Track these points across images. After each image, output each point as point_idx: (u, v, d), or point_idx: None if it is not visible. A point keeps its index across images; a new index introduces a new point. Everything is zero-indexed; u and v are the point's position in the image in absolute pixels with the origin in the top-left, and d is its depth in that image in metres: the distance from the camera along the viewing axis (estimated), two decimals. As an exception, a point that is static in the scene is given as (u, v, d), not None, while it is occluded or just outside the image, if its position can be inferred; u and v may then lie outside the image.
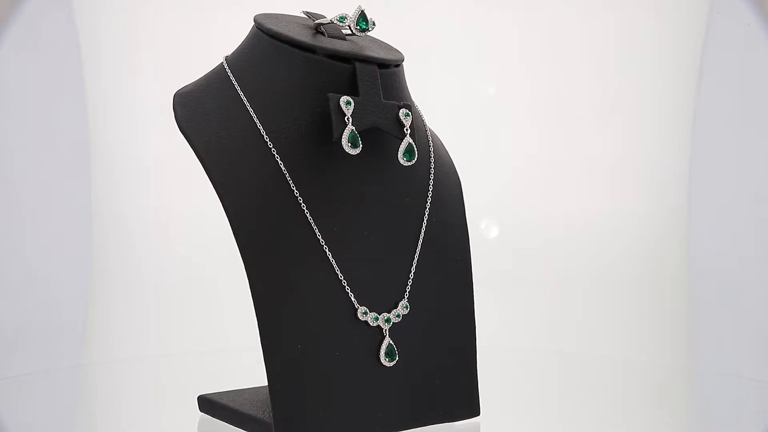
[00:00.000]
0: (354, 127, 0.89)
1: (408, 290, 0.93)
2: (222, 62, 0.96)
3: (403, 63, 0.97)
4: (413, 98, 1.02)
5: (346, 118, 0.89)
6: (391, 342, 0.91)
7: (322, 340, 0.90)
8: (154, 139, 1.62)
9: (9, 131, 1.55)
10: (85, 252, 1.60)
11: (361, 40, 0.96)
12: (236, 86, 0.94)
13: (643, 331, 1.62)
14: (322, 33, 0.94)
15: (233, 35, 1.65)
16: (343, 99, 0.89)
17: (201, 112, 0.93)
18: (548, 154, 1.65)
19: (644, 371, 1.46)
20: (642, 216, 1.64)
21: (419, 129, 0.96)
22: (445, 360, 0.94)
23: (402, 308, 0.92)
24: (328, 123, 0.89)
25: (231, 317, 1.48)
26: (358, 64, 0.91)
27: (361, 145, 0.89)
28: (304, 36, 0.93)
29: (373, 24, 0.95)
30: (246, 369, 0.89)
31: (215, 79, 0.94)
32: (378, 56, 0.93)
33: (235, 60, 0.95)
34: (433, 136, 1.02)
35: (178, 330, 1.58)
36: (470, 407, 0.97)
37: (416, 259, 0.94)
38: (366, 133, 0.91)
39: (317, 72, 0.92)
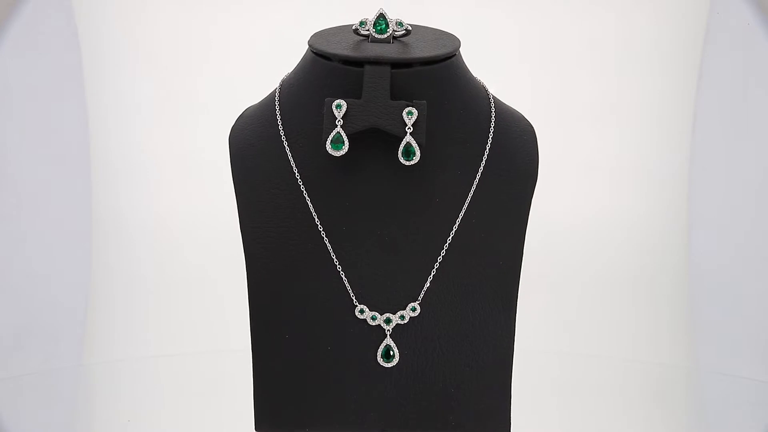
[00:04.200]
0: (342, 130, 0.89)
1: (423, 293, 0.92)
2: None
3: (451, 58, 0.95)
4: (487, 88, 0.99)
5: (337, 120, 0.89)
6: (390, 343, 0.91)
7: (315, 335, 0.90)
8: (154, 139, 1.62)
9: (9, 131, 1.55)
10: (85, 252, 1.60)
11: (412, 38, 0.96)
12: (276, 99, 0.96)
13: (642, 331, 1.62)
14: (367, 39, 0.94)
15: (233, 35, 1.65)
16: (335, 102, 0.90)
17: (247, 122, 0.97)
18: (548, 154, 1.64)
19: (644, 371, 1.46)
20: (642, 216, 1.64)
21: (443, 125, 0.94)
22: (465, 369, 0.92)
23: (410, 310, 0.92)
24: None
25: (231, 318, 1.48)
26: (367, 67, 0.91)
27: (345, 148, 0.89)
28: (336, 45, 0.94)
29: (398, 24, 0.94)
30: (247, 370, 0.89)
31: (272, 95, 0.98)
32: (396, 56, 0.92)
33: (288, 76, 0.98)
34: (517, 127, 0.99)
35: (178, 330, 1.58)
36: (497, 424, 0.93)
37: (439, 261, 0.92)
38: (390, 135, 0.90)
39: (333, 78, 0.93)
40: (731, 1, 1.62)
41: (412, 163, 0.91)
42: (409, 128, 0.90)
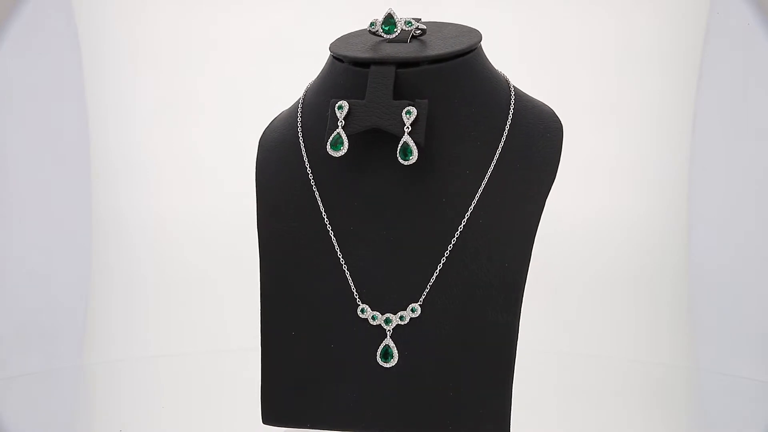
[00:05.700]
0: (343, 131, 0.90)
1: (425, 294, 0.92)
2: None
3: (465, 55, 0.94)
4: (510, 84, 0.99)
5: (338, 121, 0.90)
6: (389, 343, 0.91)
7: (319, 333, 0.91)
8: (154, 139, 1.62)
9: (9, 131, 1.55)
10: (85, 252, 1.60)
11: (432, 36, 0.96)
12: (299, 103, 0.98)
13: (642, 331, 1.62)
14: (385, 39, 0.95)
15: (233, 35, 1.65)
16: (338, 103, 0.90)
17: (275, 127, 1.00)
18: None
19: (644, 371, 1.46)
20: (642, 216, 1.64)
21: (451, 124, 0.93)
22: (464, 372, 0.91)
23: (410, 311, 0.91)
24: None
25: (231, 318, 1.48)
26: (372, 67, 0.92)
27: (344, 148, 0.90)
28: (352, 48, 0.95)
29: (408, 23, 0.94)
30: (246, 370, 0.89)
31: (299, 100, 1.00)
32: (404, 56, 0.92)
33: (313, 80, 1.00)
34: (541, 125, 0.98)
35: (178, 330, 1.58)
36: (496, 427, 0.91)
37: (443, 262, 0.92)
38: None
39: (345, 80, 0.94)
40: (731, 1, 1.62)
41: (409, 162, 0.90)
42: (407, 128, 0.90)
